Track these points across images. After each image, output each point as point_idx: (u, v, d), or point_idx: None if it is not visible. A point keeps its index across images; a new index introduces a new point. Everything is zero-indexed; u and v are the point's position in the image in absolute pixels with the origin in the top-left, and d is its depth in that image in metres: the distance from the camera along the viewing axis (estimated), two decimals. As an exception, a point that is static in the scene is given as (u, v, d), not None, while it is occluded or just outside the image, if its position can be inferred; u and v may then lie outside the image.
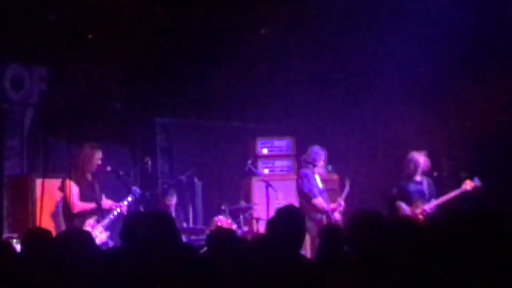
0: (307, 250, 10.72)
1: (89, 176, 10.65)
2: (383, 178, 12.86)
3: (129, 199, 10.69)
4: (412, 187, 11.36)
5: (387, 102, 13.58)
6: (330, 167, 12.01)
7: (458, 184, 11.56)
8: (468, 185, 11.29)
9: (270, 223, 5.86)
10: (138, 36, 12.96)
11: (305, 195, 11.32)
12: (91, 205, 10.49)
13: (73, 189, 10.44)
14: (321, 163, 11.54)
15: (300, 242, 5.72)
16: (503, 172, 12.92)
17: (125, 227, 5.80)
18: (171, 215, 5.88)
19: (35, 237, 6.43)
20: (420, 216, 10.92)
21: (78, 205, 10.43)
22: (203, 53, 13.34)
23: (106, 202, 10.67)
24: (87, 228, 10.31)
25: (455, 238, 5.01)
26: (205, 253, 6.23)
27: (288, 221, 5.72)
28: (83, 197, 10.54)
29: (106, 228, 10.44)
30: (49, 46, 11.16)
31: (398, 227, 5.61)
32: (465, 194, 11.19)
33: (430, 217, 10.10)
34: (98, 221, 10.44)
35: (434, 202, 11.26)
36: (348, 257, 5.13)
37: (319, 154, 11.55)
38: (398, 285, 4.70)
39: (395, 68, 13.00)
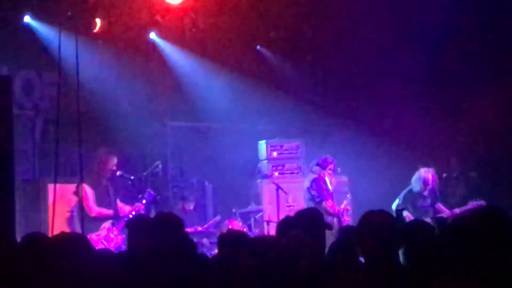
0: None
1: (103, 181, 10.69)
2: (391, 180, 12.89)
3: (143, 201, 10.69)
4: (419, 202, 11.66)
5: (398, 103, 13.61)
6: (339, 169, 12.06)
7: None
8: (473, 204, 11.37)
9: (290, 225, 5.92)
10: (148, 39, 13.09)
11: (314, 198, 11.37)
12: (109, 211, 10.50)
13: (89, 192, 10.47)
14: (329, 171, 11.62)
15: (322, 243, 5.74)
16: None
17: (129, 231, 5.82)
18: (179, 218, 5.86)
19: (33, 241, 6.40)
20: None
21: (95, 209, 10.45)
22: (214, 54, 13.47)
23: (124, 209, 10.67)
24: (103, 231, 10.37)
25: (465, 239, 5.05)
26: (216, 255, 6.24)
27: (310, 224, 5.78)
28: (98, 202, 10.56)
29: (122, 231, 10.44)
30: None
31: (410, 228, 5.66)
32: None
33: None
34: (113, 224, 10.47)
35: (443, 215, 11.39)
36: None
37: (327, 162, 11.64)
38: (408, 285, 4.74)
39: (405, 69, 13.02)
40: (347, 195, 11.96)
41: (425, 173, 11.72)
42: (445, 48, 13.16)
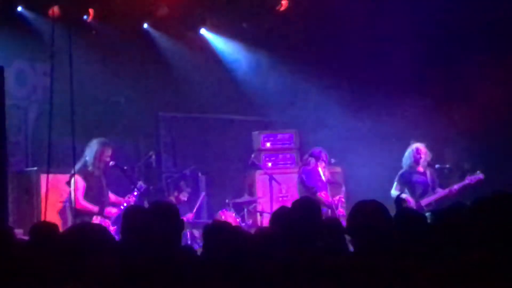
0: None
1: (97, 172, 10.66)
2: (386, 170, 12.89)
3: (135, 193, 10.68)
4: (415, 177, 11.52)
5: (390, 93, 13.60)
6: (333, 160, 12.06)
7: (461, 176, 11.61)
8: (470, 178, 11.35)
9: (285, 215, 5.92)
10: (142, 29, 13.07)
11: (308, 189, 11.37)
12: (94, 208, 10.42)
13: (79, 184, 10.43)
14: (322, 163, 11.60)
15: (319, 233, 5.75)
16: (506, 163, 12.96)
17: (124, 221, 5.82)
18: (176, 207, 5.84)
19: (42, 231, 6.44)
20: (425, 208, 10.98)
21: (81, 202, 10.37)
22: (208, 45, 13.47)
23: (111, 210, 10.59)
24: (95, 222, 10.35)
25: (464, 228, 5.07)
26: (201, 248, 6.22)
27: (306, 214, 5.78)
28: (90, 193, 10.52)
29: (113, 223, 10.43)
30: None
31: (401, 217, 5.68)
32: (468, 187, 11.25)
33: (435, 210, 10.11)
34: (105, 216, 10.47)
35: (437, 195, 11.35)
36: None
37: (321, 155, 11.62)
38: (399, 275, 4.75)
39: (398, 60, 13.01)
40: (342, 188, 11.94)
41: (417, 145, 11.65)
42: (440, 40, 13.17)
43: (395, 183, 11.70)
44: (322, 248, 5.55)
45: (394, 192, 11.59)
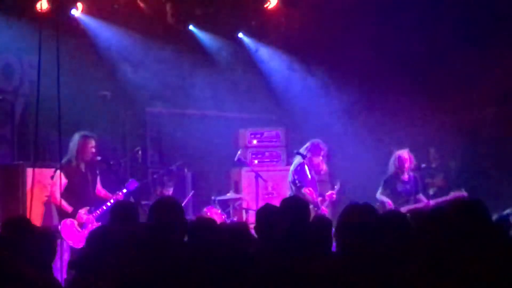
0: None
1: (82, 167, 10.56)
2: (374, 169, 12.92)
3: (124, 190, 10.56)
4: (399, 186, 11.61)
5: (379, 92, 13.64)
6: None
7: (446, 175, 11.67)
8: (454, 195, 11.38)
9: (270, 213, 5.94)
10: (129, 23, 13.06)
11: (295, 183, 11.33)
12: (68, 208, 10.27)
13: (60, 181, 10.31)
14: (320, 158, 11.49)
15: (306, 233, 5.76)
16: (491, 163, 13.03)
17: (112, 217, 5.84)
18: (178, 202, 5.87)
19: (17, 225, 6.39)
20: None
21: (57, 199, 10.23)
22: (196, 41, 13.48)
23: (83, 216, 10.39)
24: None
25: (440, 234, 5.11)
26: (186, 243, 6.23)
27: (295, 213, 5.80)
28: (73, 188, 10.42)
29: (98, 219, 10.34)
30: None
31: (387, 220, 5.70)
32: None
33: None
34: (90, 212, 10.38)
35: (416, 206, 11.39)
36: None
37: (320, 148, 11.53)
38: (387, 277, 4.77)
39: (388, 59, 13.05)
40: (335, 186, 11.85)
41: (400, 152, 11.67)
42: (431, 40, 13.21)
43: (381, 188, 11.72)
44: (308, 248, 5.56)
45: (379, 195, 11.62)
